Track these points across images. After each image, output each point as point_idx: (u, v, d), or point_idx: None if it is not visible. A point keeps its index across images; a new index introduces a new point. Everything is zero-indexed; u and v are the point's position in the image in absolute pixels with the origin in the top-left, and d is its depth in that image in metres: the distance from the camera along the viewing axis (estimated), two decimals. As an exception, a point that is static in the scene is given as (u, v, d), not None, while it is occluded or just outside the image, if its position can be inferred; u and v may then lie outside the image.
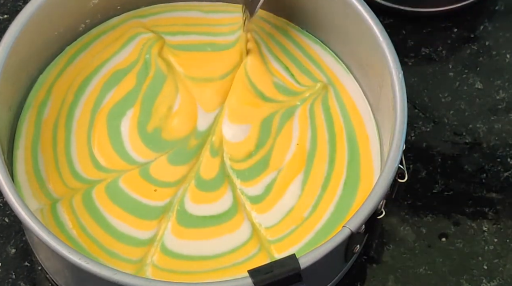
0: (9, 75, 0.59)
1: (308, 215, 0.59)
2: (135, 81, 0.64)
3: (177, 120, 0.62)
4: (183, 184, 0.60)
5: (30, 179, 0.60)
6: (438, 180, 0.67)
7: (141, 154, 0.61)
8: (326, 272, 0.59)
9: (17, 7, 0.74)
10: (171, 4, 0.68)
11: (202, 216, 0.59)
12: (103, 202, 0.59)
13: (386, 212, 0.58)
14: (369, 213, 0.53)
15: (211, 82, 0.64)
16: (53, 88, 0.63)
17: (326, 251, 0.52)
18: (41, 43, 0.62)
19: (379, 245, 0.65)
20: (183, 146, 0.61)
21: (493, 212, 0.66)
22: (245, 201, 0.59)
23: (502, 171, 0.68)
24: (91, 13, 0.65)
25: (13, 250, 0.64)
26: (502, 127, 0.70)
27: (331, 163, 0.61)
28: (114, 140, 0.61)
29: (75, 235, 0.58)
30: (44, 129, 0.62)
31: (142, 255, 0.57)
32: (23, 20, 0.60)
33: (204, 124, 0.62)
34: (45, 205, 0.59)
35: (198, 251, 0.57)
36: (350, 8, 0.61)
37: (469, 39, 0.74)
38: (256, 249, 0.58)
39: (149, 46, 0.65)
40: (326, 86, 0.64)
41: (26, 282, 0.63)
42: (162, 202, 0.59)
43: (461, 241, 0.65)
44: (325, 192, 0.60)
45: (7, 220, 0.65)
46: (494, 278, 0.64)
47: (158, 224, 0.58)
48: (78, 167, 0.60)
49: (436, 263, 0.64)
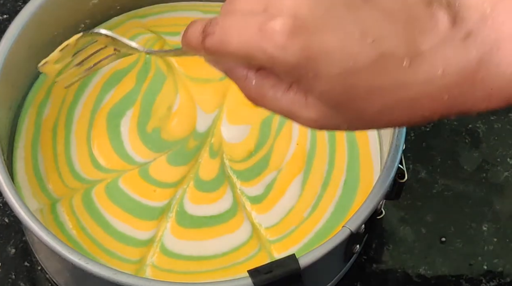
0: (9, 75, 0.59)
1: (308, 215, 0.59)
2: (135, 81, 0.64)
3: (176, 121, 0.62)
4: (182, 185, 0.60)
5: (30, 179, 0.60)
6: (438, 180, 0.67)
7: (140, 154, 0.61)
8: (326, 272, 0.59)
9: (17, 7, 0.74)
10: (171, 4, 0.68)
11: (201, 216, 0.59)
12: (102, 202, 0.59)
13: (386, 212, 0.58)
14: (369, 213, 0.53)
15: (210, 83, 0.64)
16: (52, 88, 0.63)
17: (326, 251, 0.52)
18: (41, 43, 0.62)
19: (379, 245, 0.65)
20: (182, 146, 0.61)
21: (493, 212, 0.66)
22: (245, 201, 0.59)
23: (502, 171, 0.68)
24: (91, 13, 0.65)
25: (13, 250, 0.64)
26: (502, 127, 0.70)
27: (331, 162, 0.61)
28: (114, 140, 0.61)
29: (75, 235, 0.58)
30: (44, 129, 0.62)
31: (142, 255, 0.57)
32: (23, 20, 0.60)
33: (203, 126, 0.62)
34: (45, 205, 0.59)
35: (198, 251, 0.57)
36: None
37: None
38: (256, 249, 0.58)
39: (149, 47, 0.65)
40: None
41: (26, 282, 0.63)
42: (161, 202, 0.59)
43: (461, 241, 0.65)
44: (325, 192, 0.60)
45: (7, 220, 0.65)
46: (494, 278, 0.64)
47: (157, 224, 0.58)
48: (78, 167, 0.60)
49: (436, 263, 0.64)
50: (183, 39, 0.47)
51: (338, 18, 0.43)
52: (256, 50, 0.43)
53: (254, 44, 0.43)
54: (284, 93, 0.45)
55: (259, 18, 0.43)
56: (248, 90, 0.46)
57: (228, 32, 0.44)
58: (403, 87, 0.43)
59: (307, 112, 0.45)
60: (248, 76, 0.46)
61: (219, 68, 0.48)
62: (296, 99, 0.45)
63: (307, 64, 0.43)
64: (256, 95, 0.46)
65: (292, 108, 0.46)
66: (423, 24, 0.43)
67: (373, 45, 0.42)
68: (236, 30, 0.44)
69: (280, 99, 0.46)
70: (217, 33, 0.45)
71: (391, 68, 0.43)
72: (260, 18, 0.43)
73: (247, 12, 0.44)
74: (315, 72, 0.43)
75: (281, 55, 0.43)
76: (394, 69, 0.43)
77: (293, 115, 0.46)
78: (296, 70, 0.43)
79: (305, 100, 0.45)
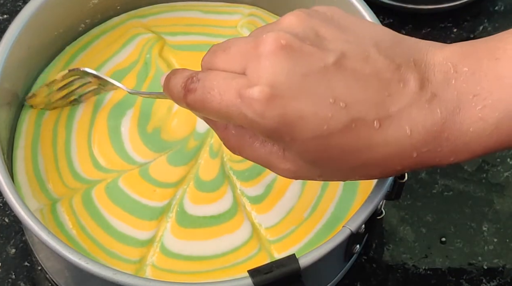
0: (9, 75, 0.59)
1: (308, 215, 0.59)
2: (135, 81, 0.64)
3: (176, 121, 0.62)
4: (182, 185, 0.60)
5: (30, 179, 0.60)
6: (438, 180, 0.67)
7: (141, 154, 0.61)
8: (326, 272, 0.59)
9: (17, 7, 0.74)
10: (171, 4, 0.68)
11: (201, 216, 0.59)
12: (103, 202, 0.59)
13: (386, 212, 0.58)
14: (369, 213, 0.53)
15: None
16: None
17: (326, 251, 0.52)
18: (41, 43, 0.62)
19: (379, 245, 0.65)
20: (182, 146, 0.61)
21: (493, 212, 0.66)
22: (245, 201, 0.59)
23: (502, 171, 0.68)
24: (91, 13, 0.65)
25: (13, 250, 0.64)
26: (502, 127, 0.70)
27: (331, 163, 0.61)
28: (114, 140, 0.61)
29: (75, 235, 0.58)
30: (44, 129, 0.62)
31: (142, 255, 0.57)
32: (23, 20, 0.60)
33: (203, 126, 0.62)
34: (45, 205, 0.59)
35: (198, 251, 0.57)
36: (350, 8, 0.61)
37: (469, 39, 0.74)
38: (256, 249, 0.58)
39: (150, 47, 0.65)
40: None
41: (26, 282, 0.63)
42: (161, 203, 0.59)
43: (461, 241, 0.65)
44: (325, 192, 0.60)
45: (7, 220, 0.65)
46: (494, 278, 0.64)
47: (157, 224, 0.58)
48: (78, 167, 0.60)
49: (436, 263, 0.64)
50: (165, 88, 0.50)
51: (313, 85, 0.45)
52: (237, 114, 0.46)
53: (233, 109, 0.46)
54: (262, 144, 0.48)
55: (239, 82, 0.46)
56: (227, 140, 0.49)
57: (209, 92, 0.47)
58: (374, 148, 0.46)
59: (284, 164, 0.48)
60: (227, 126, 0.49)
61: (199, 116, 0.50)
62: (274, 151, 0.48)
63: (283, 129, 0.45)
64: (234, 144, 0.49)
65: (269, 158, 0.48)
66: (392, 87, 0.46)
67: (346, 109, 0.45)
68: (217, 91, 0.46)
69: (258, 149, 0.48)
70: (199, 91, 0.47)
71: (362, 131, 0.46)
72: (240, 82, 0.46)
73: (227, 74, 0.46)
74: (291, 136, 0.46)
75: (259, 121, 0.45)
76: (365, 132, 0.46)
77: (270, 166, 0.49)
78: (274, 134, 0.46)
79: (282, 153, 0.48)
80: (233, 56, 0.47)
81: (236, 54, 0.47)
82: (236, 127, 0.49)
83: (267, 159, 0.49)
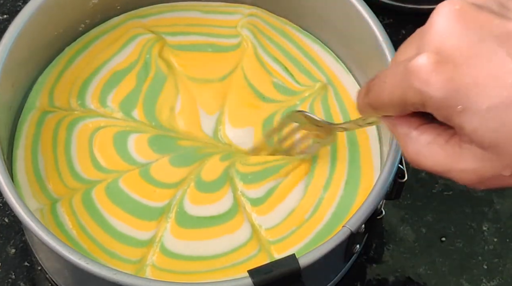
0: (9, 75, 0.59)
1: (309, 216, 0.59)
2: (135, 81, 0.64)
3: (182, 124, 0.62)
4: (183, 186, 0.60)
5: (30, 179, 0.60)
6: (438, 180, 0.67)
7: (143, 154, 0.61)
8: (326, 272, 0.59)
9: (17, 7, 0.74)
10: (171, 4, 0.68)
11: (201, 217, 0.59)
12: (103, 202, 0.59)
13: (386, 212, 0.58)
14: (369, 213, 0.53)
15: (210, 83, 0.64)
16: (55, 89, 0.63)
17: (326, 251, 0.52)
18: (41, 43, 0.62)
19: (379, 245, 0.65)
20: (189, 149, 0.61)
21: (493, 212, 0.66)
22: (245, 202, 0.59)
23: (502, 171, 0.68)
24: (91, 13, 0.65)
25: (13, 250, 0.64)
26: (502, 127, 0.70)
27: (333, 164, 0.61)
28: (116, 141, 0.61)
29: (75, 235, 0.58)
30: (44, 129, 0.62)
31: (142, 255, 0.57)
32: (23, 20, 0.60)
33: (208, 128, 0.62)
34: (45, 205, 0.59)
35: (198, 252, 0.57)
36: (349, 8, 0.61)
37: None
38: (256, 250, 0.58)
39: (150, 47, 0.65)
40: (326, 86, 0.64)
41: (26, 282, 0.63)
42: (161, 203, 0.59)
43: (461, 240, 0.65)
44: (327, 193, 0.60)
45: (7, 220, 0.65)
46: (494, 278, 0.64)
47: (157, 224, 0.58)
48: (78, 167, 0.60)
49: (436, 263, 0.64)
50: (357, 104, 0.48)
51: (491, 50, 0.41)
52: (406, 89, 0.43)
53: (403, 84, 0.43)
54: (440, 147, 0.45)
55: (409, 59, 0.43)
56: (407, 147, 0.46)
57: (383, 80, 0.44)
58: None
59: (464, 163, 0.44)
60: (409, 132, 0.46)
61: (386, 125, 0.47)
62: (451, 152, 0.44)
63: (454, 97, 0.42)
64: (413, 151, 0.46)
65: (448, 162, 0.45)
66: None
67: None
68: (389, 76, 0.44)
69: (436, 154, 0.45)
70: (375, 85, 0.45)
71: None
72: (409, 58, 0.43)
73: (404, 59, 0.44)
74: (463, 105, 0.42)
75: (427, 89, 0.42)
76: None
77: (450, 170, 0.45)
78: (444, 103, 0.42)
79: (459, 149, 0.44)
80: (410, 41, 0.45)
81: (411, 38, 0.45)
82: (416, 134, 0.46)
83: (446, 163, 0.45)
